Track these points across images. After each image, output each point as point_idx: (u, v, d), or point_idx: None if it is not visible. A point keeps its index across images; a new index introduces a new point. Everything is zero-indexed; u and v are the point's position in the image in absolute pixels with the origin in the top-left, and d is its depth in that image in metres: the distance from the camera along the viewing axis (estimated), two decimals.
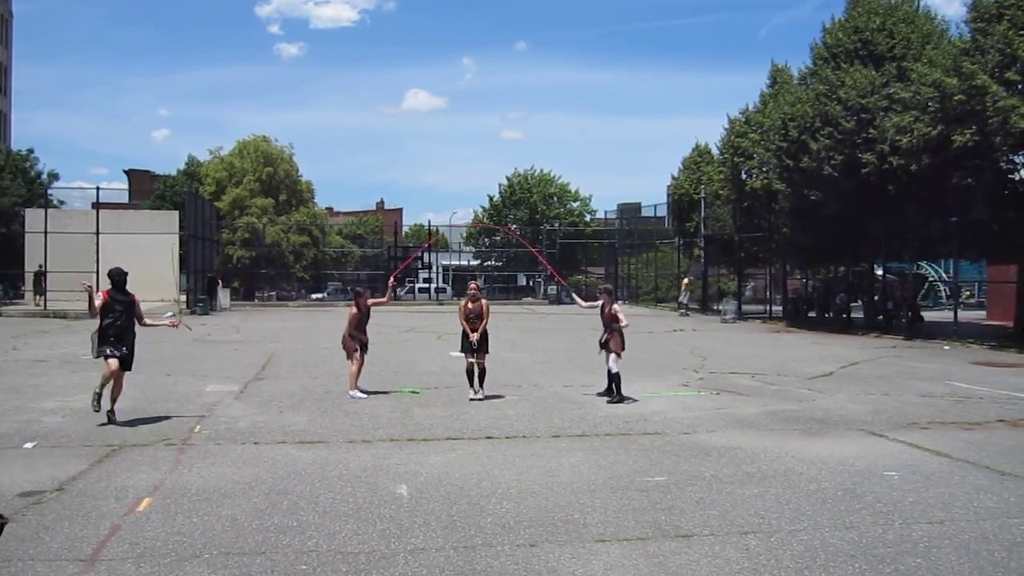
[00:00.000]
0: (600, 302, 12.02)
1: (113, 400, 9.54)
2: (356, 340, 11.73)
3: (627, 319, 11.88)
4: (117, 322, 9.45)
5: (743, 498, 6.51)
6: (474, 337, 11.39)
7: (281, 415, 10.13)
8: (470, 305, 11.56)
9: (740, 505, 6.31)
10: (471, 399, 11.36)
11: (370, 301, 12.34)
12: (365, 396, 11.35)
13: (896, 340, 22.58)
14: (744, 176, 31.40)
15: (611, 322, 11.65)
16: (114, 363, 9.35)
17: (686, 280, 37.56)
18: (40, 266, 33.17)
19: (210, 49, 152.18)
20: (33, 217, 36.62)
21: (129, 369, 9.74)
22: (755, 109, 31.33)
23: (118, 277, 9.65)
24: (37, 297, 32.62)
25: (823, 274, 36.28)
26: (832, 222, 25.20)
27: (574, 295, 16.14)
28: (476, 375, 11.54)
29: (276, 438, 8.74)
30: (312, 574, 4.86)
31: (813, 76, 26.34)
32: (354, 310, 11.94)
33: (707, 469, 7.48)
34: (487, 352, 11.64)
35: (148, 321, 10.00)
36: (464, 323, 11.56)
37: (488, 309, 11.63)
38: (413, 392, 12.02)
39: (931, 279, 42.19)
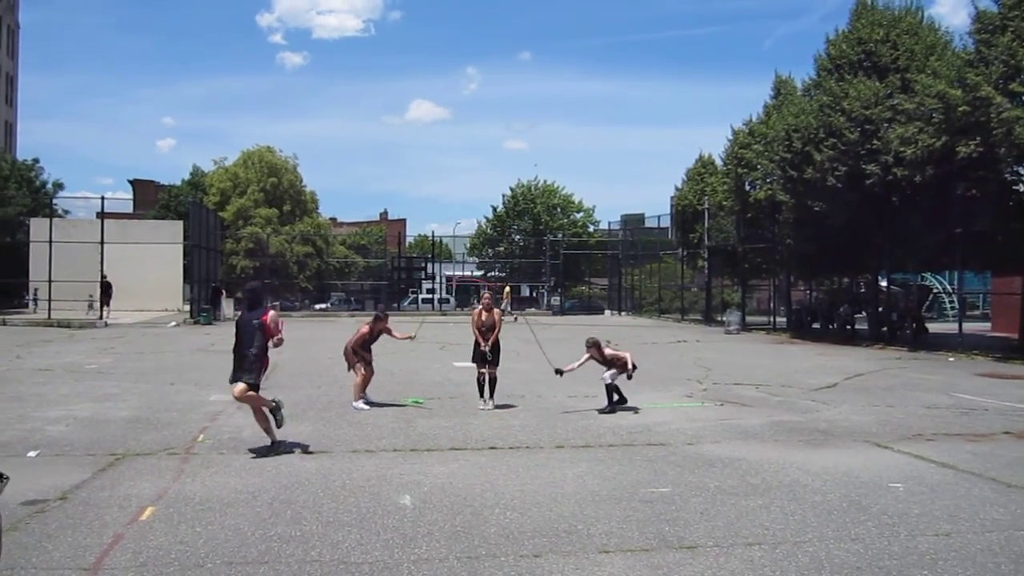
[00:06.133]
0: (587, 357, 11.56)
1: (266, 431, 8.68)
2: (359, 356, 11.71)
3: (624, 353, 11.85)
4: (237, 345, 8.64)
5: (747, 510, 6.48)
6: (485, 347, 11.44)
7: (284, 425, 10.08)
8: (483, 316, 11.60)
9: (745, 517, 6.28)
10: (480, 409, 11.37)
11: (396, 334, 12.24)
12: (368, 407, 11.33)
13: (900, 351, 22.52)
14: (748, 187, 31.40)
15: (614, 362, 11.59)
16: (236, 388, 8.51)
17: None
18: (104, 276, 32.59)
19: (214, 58, 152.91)
20: (38, 226, 36.79)
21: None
22: (759, 120, 31.39)
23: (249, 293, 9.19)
24: (104, 309, 32.03)
25: (827, 285, 36.24)
26: (836, 233, 25.19)
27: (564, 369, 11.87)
28: (487, 385, 11.56)
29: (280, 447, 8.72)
30: None
31: (817, 87, 26.36)
32: (365, 329, 11.89)
33: (711, 480, 7.45)
34: (498, 363, 11.67)
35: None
36: (476, 333, 11.60)
37: (501, 320, 11.74)
38: (417, 402, 11.99)
39: (935, 290, 42.14)
